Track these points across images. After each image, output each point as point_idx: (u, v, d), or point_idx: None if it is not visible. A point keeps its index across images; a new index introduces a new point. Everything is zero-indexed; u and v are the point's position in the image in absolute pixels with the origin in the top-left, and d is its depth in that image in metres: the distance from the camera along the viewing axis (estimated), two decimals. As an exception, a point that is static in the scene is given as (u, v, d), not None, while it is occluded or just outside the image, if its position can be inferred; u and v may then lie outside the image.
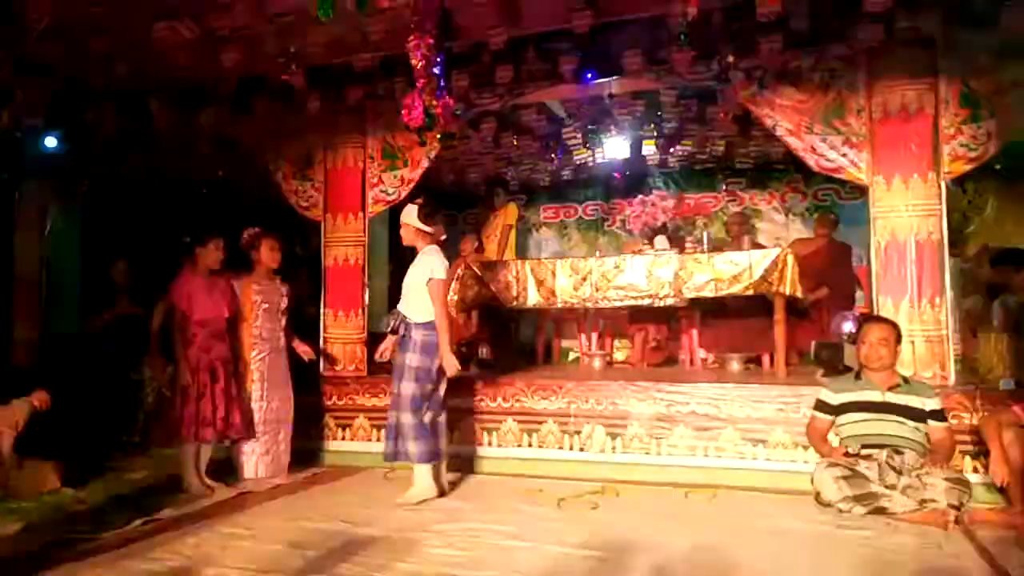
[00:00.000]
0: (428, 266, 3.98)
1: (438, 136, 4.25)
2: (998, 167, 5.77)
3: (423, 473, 3.92)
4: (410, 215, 4.10)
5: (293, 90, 4.76)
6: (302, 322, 5.09)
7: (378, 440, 4.76)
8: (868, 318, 4.07)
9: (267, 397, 4.55)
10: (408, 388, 3.93)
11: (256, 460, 4.49)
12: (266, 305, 4.60)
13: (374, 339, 4.98)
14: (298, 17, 3.94)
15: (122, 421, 5.43)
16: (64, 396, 4.47)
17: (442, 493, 4.00)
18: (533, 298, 5.42)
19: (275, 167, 5.58)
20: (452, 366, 3.95)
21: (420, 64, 3.58)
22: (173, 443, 4.41)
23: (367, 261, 5.33)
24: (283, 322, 4.70)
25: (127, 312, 5.77)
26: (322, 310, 5.35)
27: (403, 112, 3.68)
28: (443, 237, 4.25)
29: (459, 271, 5.50)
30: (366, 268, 5.32)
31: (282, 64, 4.41)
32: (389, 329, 4.19)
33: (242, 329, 4.53)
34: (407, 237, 4.13)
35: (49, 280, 6.22)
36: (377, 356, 4.36)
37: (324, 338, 5.31)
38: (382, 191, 5.33)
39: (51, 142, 5.74)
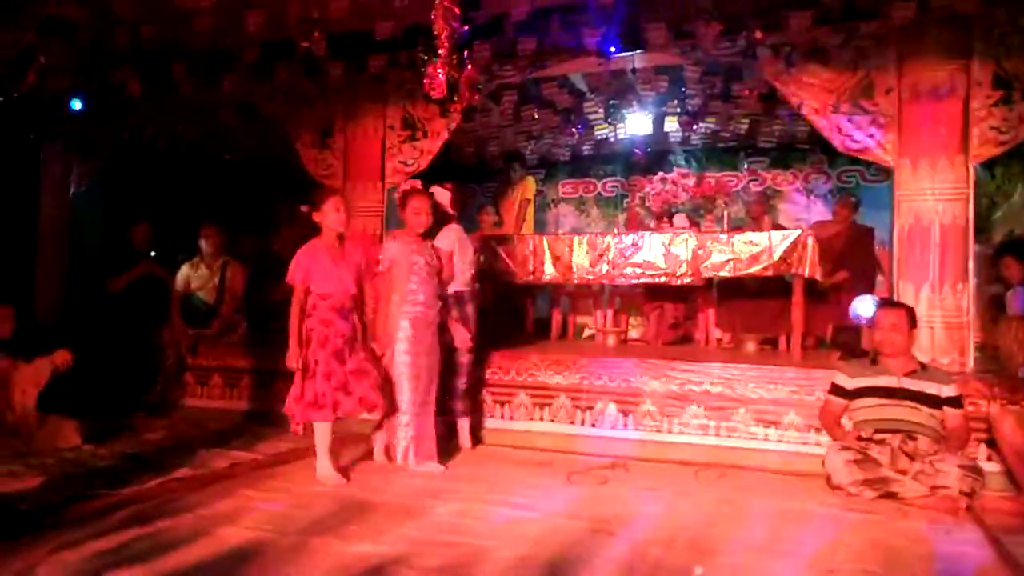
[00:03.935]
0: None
1: (461, 109, 4.24)
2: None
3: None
4: (443, 196, 4.23)
5: (315, 57, 4.75)
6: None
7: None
8: (882, 303, 4.03)
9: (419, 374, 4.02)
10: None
11: (407, 446, 3.97)
12: (418, 269, 4.06)
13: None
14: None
15: (142, 382, 5.53)
16: (85, 355, 4.55)
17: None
18: (549, 273, 5.41)
19: (295, 134, 5.59)
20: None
21: (444, 33, 3.55)
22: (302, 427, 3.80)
23: (383, 232, 5.34)
24: (437, 289, 4.19)
25: (146, 273, 5.85)
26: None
27: (425, 82, 3.66)
28: None
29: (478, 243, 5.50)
30: (383, 239, 5.33)
31: (305, 30, 4.39)
32: None
33: (391, 295, 4.05)
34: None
35: (72, 241, 6.32)
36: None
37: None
38: (401, 162, 5.33)
39: (76, 105, 5.78)
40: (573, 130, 7.26)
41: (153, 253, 6.08)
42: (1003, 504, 3.44)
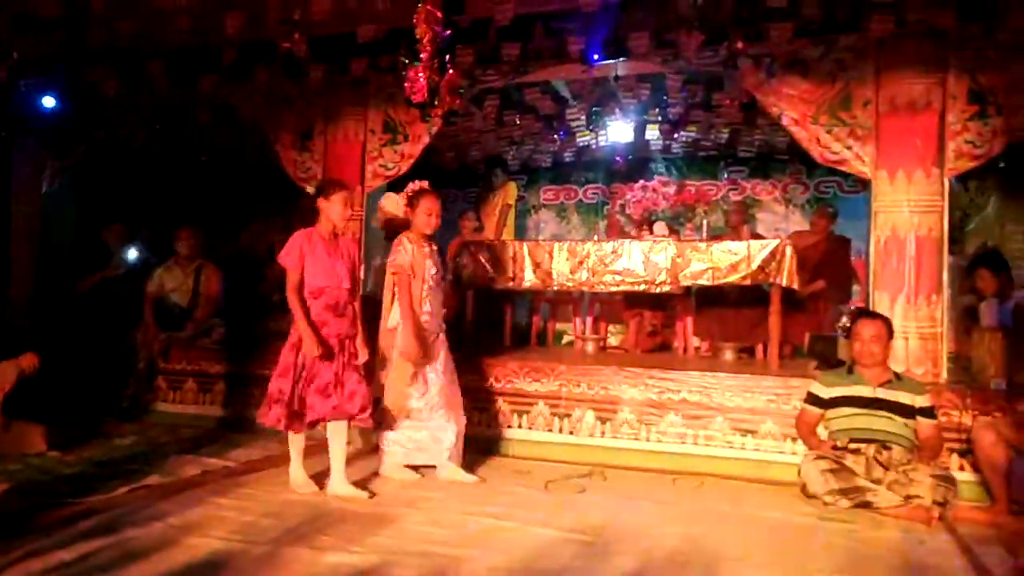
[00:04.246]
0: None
1: (442, 113, 4.20)
2: (1001, 165, 5.74)
3: None
4: (393, 204, 4.04)
5: (295, 59, 4.70)
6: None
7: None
8: (861, 314, 4.06)
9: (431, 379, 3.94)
10: None
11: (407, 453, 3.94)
12: (428, 276, 3.92)
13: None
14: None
15: (112, 386, 5.42)
16: (53, 358, 4.45)
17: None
18: (529, 279, 5.39)
19: (275, 136, 5.53)
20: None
21: (426, 37, 3.53)
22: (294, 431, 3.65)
23: (363, 236, 5.30)
24: (442, 293, 4.13)
25: (115, 275, 5.75)
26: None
27: (406, 86, 3.63)
28: None
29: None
30: (363, 243, 5.29)
31: (285, 31, 4.35)
32: None
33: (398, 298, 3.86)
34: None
35: (44, 241, 6.19)
36: None
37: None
38: (381, 165, 5.29)
39: (49, 102, 5.67)
40: (555, 136, 7.26)
41: (133, 254, 5.99)
42: (976, 514, 3.47)
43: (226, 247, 6.38)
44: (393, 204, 4.05)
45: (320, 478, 3.71)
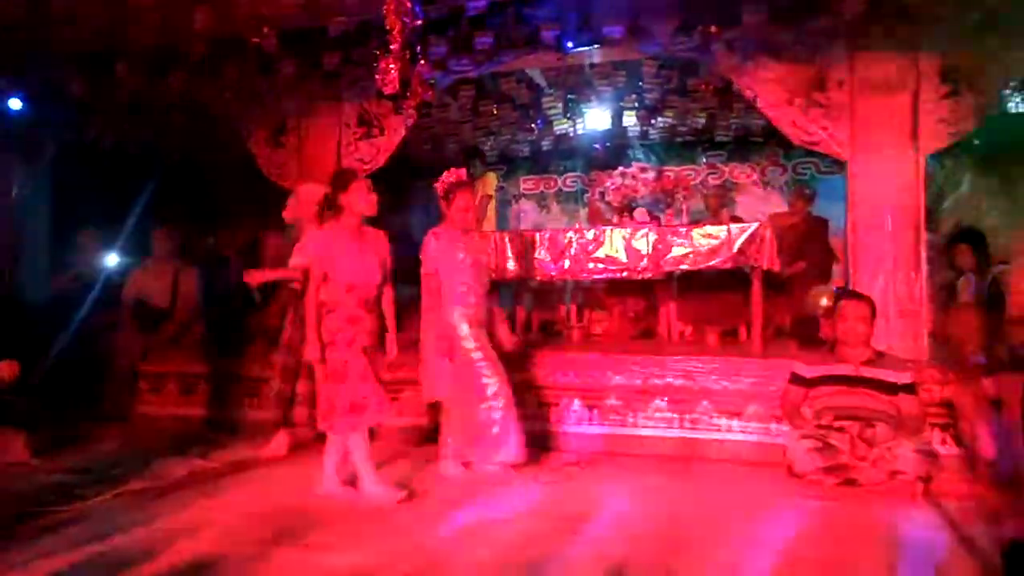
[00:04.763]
0: None
1: (414, 105, 4.14)
2: (976, 143, 5.80)
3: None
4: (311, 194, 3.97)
5: (266, 54, 4.63)
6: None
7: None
8: (846, 294, 4.08)
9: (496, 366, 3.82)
10: None
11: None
12: (465, 268, 3.81)
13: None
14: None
15: (93, 391, 5.34)
16: (32, 364, 4.37)
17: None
18: (512, 270, 5.38)
19: (247, 133, 5.45)
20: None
21: (396, 28, 3.48)
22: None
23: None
24: (487, 288, 3.98)
25: (87, 279, 5.66)
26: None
27: (377, 78, 3.59)
28: None
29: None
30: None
31: (254, 26, 4.28)
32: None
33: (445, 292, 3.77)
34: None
35: (18, 245, 6.08)
36: None
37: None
38: (358, 159, 5.24)
39: (15, 104, 5.55)
40: (532, 126, 7.23)
41: (107, 258, 5.90)
42: (959, 487, 3.52)
43: (202, 246, 6.29)
44: (307, 197, 3.95)
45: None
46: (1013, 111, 5.61)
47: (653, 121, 7.18)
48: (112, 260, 6.06)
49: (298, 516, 3.17)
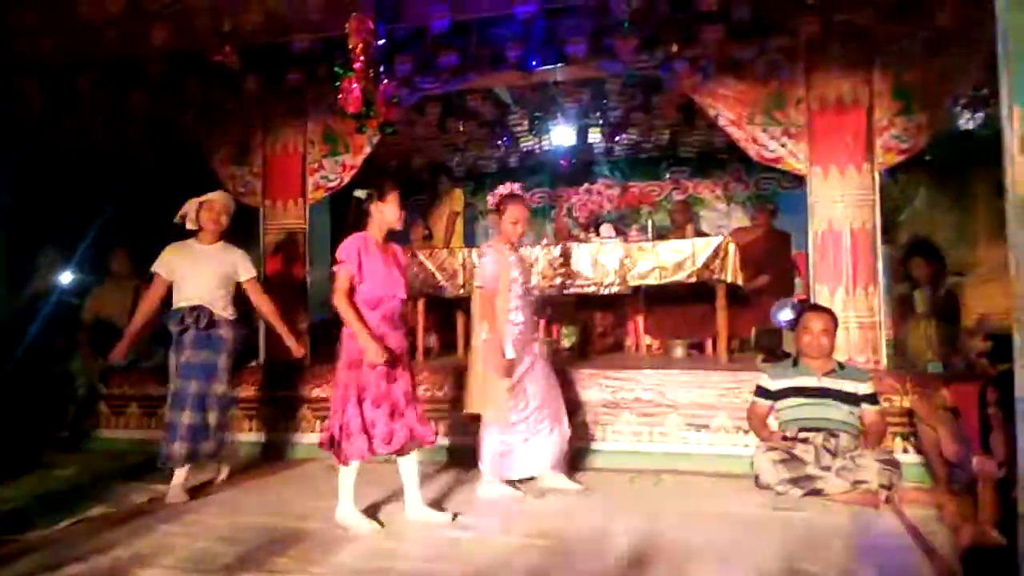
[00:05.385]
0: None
1: (377, 126, 4.13)
2: (928, 158, 5.97)
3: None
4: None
5: (229, 71, 4.59)
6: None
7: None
8: (809, 307, 4.16)
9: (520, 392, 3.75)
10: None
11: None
12: (517, 285, 3.74)
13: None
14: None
15: (50, 414, 5.19)
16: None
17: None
18: (479, 286, 5.37)
19: (210, 151, 5.39)
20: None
21: (359, 47, 3.49)
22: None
23: (306, 248, 5.21)
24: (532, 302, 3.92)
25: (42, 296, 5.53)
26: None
27: (340, 97, 3.58)
28: None
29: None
30: (307, 256, 5.21)
31: (215, 43, 4.24)
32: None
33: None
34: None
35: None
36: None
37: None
38: (323, 177, 5.22)
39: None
40: (499, 142, 7.27)
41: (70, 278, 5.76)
42: (920, 495, 3.59)
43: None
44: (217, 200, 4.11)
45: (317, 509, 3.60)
46: (963, 128, 5.80)
47: (618, 138, 7.27)
48: (69, 279, 5.92)
49: (265, 539, 3.11)
